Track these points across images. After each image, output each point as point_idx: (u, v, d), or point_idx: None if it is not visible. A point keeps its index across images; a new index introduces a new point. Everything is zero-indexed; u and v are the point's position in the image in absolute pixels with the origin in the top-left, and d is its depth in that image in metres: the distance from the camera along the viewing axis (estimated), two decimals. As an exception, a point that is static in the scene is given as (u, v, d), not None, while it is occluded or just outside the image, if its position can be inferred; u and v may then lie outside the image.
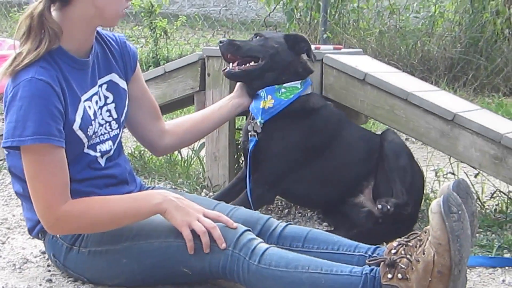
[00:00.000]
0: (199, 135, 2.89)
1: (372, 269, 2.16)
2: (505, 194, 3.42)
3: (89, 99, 2.38)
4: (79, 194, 2.30)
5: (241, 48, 3.02)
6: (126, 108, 2.53)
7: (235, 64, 3.02)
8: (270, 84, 3.00)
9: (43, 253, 2.75)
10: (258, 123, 2.99)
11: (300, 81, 3.05)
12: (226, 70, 3.05)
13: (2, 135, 2.27)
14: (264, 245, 2.23)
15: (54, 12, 2.28)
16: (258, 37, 3.08)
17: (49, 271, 2.61)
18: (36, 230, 2.47)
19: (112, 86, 2.48)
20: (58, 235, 2.40)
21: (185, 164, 4.07)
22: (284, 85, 3.02)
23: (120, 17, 2.35)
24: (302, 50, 3.09)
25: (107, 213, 2.28)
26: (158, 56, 8.39)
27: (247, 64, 3.01)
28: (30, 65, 2.21)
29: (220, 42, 3.05)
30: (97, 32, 2.45)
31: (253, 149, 2.98)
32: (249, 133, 3.01)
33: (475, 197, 2.99)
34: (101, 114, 2.43)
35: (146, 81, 3.73)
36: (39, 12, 2.24)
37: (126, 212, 2.29)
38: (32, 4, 2.29)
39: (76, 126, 2.30)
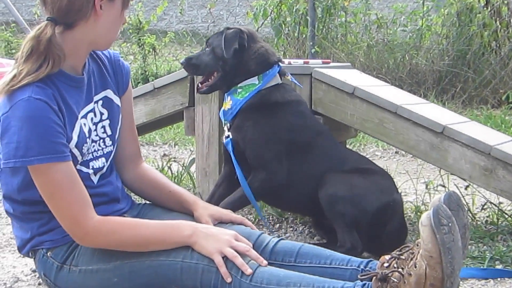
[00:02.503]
0: (158, 203, 2.66)
1: (364, 284, 2.15)
2: (495, 205, 3.42)
3: (85, 116, 2.38)
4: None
5: (199, 67, 3.15)
6: (119, 125, 2.53)
7: (201, 81, 3.18)
8: (235, 85, 3.09)
9: (34, 271, 2.73)
10: (227, 124, 3.09)
11: (257, 77, 3.07)
12: (198, 90, 3.20)
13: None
14: (255, 263, 2.22)
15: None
16: (208, 46, 3.15)
17: (40, 289, 2.59)
18: (26, 248, 2.45)
19: (107, 103, 2.48)
20: (48, 254, 2.38)
21: (176, 180, 4.06)
22: (240, 84, 3.07)
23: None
24: (242, 43, 3.07)
25: (135, 236, 2.29)
26: (147, 73, 8.41)
27: (211, 78, 3.13)
28: (26, 85, 2.21)
29: (181, 63, 3.19)
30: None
31: (234, 149, 3.02)
32: (224, 136, 3.08)
33: (466, 209, 2.99)
34: (95, 130, 2.43)
35: (135, 97, 3.74)
36: (48, 37, 2.23)
37: (155, 238, 2.28)
38: (38, 26, 2.27)
39: (72, 144, 2.30)
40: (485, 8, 7.31)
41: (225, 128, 3.10)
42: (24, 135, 2.17)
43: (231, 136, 3.04)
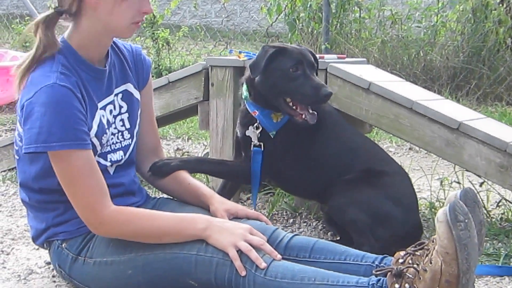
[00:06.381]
0: (176, 196, 2.71)
1: (379, 280, 2.15)
2: (511, 202, 3.41)
3: (104, 108, 2.40)
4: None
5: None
6: (139, 119, 2.55)
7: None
8: None
9: (48, 263, 2.74)
10: (271, 135, 2.96)
11: None
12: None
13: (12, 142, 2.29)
14: (269, 257, 2.22)
15: (68, 22, 2.34)
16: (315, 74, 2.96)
17: (54, 281, 2.60)
18: (41, 239, 2.46)
19: (127, 96, 2.50)
20: (63, 245, 2.39)
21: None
22: None
23: (132, 30, 2.36)
24: None
25: (150, 227, 2.30)
26: (160, 67, 8.42)
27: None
28: (50, 72, 2.24)
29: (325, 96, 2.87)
30: (114, 42, 2.48)
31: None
32: (253, 143, 2.98)
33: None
34: (114, 123, 2.45)
35: (150, 91, 3.74)
36: (37, 21, 2.32)
37: (170, 230, 2.29)
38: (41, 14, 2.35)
39: (92, 133, 2.32)
40: (500, 5, 7.27)
41: (258, 137, 2.99)
42: (47, 121, 2.18)
43: (264, 146, 2.97)
